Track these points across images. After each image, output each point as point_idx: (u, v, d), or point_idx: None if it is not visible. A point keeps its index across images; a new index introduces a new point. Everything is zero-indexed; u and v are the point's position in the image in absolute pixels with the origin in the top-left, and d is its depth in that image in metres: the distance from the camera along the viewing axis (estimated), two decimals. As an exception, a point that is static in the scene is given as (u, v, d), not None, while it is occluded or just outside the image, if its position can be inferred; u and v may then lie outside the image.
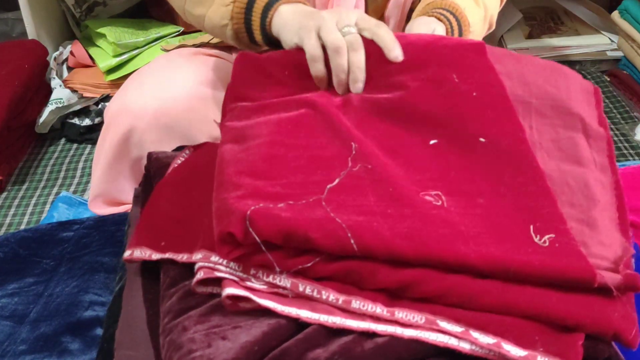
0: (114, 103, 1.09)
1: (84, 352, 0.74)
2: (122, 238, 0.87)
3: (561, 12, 1.93)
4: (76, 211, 1.21)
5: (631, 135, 1.43)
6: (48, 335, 0.76)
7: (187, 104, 1.07)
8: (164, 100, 1.06)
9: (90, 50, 1.66)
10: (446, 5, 0.99)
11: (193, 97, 1.08)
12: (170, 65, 1.15)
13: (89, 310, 0.79)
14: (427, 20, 0.94)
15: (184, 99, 1.07)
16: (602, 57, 1.74)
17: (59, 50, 1.72)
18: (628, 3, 1.57)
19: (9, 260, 0.89)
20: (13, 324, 0.79)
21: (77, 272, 0.86)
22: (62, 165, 1.49)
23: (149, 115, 1.04)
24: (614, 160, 0.74)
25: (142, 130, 1.04)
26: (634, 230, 0.88)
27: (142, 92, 1.07)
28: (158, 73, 1.13)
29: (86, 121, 1.56)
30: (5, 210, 1.34)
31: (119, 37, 1.58)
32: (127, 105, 1.06)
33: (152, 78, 1.11)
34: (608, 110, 1.54)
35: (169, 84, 1.09)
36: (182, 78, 1.10)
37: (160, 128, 1.04)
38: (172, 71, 1.13)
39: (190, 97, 1.08)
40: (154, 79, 1.11)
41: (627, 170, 1.02)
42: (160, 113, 1.05)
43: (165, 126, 1.04)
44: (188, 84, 1.09)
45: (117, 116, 1.06)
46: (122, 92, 1.10)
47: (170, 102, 1.06)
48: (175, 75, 1.11)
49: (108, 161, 1.08)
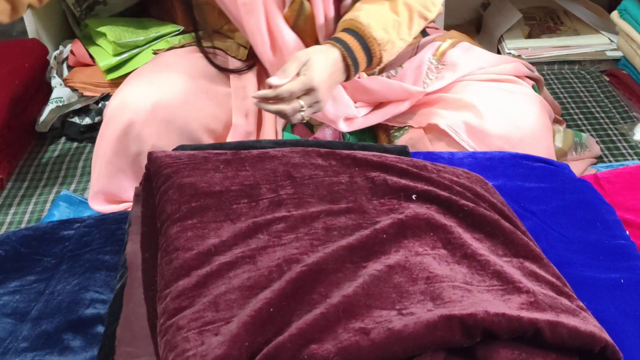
0: (113, 100, 1.12)
1: (85, 349, 0.74)
2: (123, 236, 0.87)
3: (561, 12, 1.94)
4: (77, 210, 1.22)
5: (630, 135, 1.44)
6: (49, 333, 0.76)
7: (183, 97, 1.11)
8: (161, 95, 1.10)
9: (90, 49, 1.66)
10: (349, 25, 1.03)
11: (188, 92, 1.12)
12: (165, 63, 1.19)
13: (90, 308, 0.79)
14: (325, 48, 1.00)
15: (180, 94, 1.11)
16: (602, 57, 1.74)
17: (59, 49, 1.72)
18: (627, 3, 1.57)
19: (10, 259, 0.90)
20: (14, 322, 0.79)
21: (78, 270, 0.86)
22: (63, 164, 1.49)
23: (147, 109, 1.08)
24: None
25: (140, 125, 1.07)
26: (633, 230, 0.89)
27: (140, 89, 1.11)
28: (154, 71, 1.17)
29: (86, 120, 1.56)
30: (6, 209, 1.34)
31: (119, 36, 1.59)
32: (125, 101, 1.09)
33: (148, 76, 1.15)
34: (607, 110, 1.54)
35: (165, 80, 1.13)
36: (177, 74, 1.14)
37: (158, 122, 1.07)
38: (167, 68, 1.16)
39: (185, 92, 1.11)
40: (150, 76, 1.15)
41: (626, 170, 1.02)
42: (157, 107, 1.08)
43: (163, 120, 1.08)
44: (183, 79, 1.13)
45: (116, 112, 1.09)
46: (120, 90, 1.13)
47: (167, 97, 1.10)
48: (170, 72, 1.15)
49: (107, 156, 1.10)
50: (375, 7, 1.04)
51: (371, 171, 0.78)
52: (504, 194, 0.84)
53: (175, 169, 0.76)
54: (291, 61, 0.96)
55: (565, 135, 1.28)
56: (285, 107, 0.95)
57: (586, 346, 0.58)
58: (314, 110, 0.99)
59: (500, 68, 1.19)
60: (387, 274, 0.63)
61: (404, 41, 1.08)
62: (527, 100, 1.13)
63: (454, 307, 0.58)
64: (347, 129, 1.14)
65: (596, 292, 0.74)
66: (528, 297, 0.61)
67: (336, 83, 1.02)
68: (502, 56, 1.24)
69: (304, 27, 1.10)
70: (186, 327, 0.58)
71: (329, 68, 0.98)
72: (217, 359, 0.54)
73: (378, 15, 1.03)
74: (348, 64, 1.01)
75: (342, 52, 1.00)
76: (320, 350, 0.55)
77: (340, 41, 1.01)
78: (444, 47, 1.19)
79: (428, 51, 1.19)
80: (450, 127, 1.08)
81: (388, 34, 1.03)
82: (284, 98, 0.94)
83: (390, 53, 1.06)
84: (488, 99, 1.10)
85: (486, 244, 0.70)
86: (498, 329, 0.56)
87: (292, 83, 0.94)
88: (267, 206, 0.73)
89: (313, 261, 0.63)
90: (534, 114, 1.11)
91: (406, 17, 1.06)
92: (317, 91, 0.96)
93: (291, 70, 0.95)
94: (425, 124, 1.12)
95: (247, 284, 0.61)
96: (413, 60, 1.19)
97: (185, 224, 0.69)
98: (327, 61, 0.98)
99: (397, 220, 0.69)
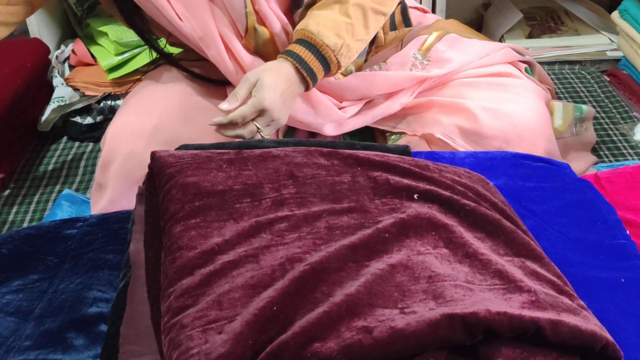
0: (110, 130, 1.07)
1: (88, 347, 0.74)
2: (125, 236, 0.87)
3: (561, 12, 1.94)
4: (79, 209, 1.22)
5: (630, 135, 1.44)
6: (53, 331, 0.76)
7: (183, 115, 1.07)
8: (159, 116, 1.05)
9: (91, 48, 1.67)
10: (301, 36, 1.02)
11: (188, 108, 1.08)
12: (157, 83, 1.14)
13: (93, 307, 0.79)
14: (276, 64, 0.99)
15: (179, 111, 1.07)
16: (602, 57, 1.74)
17: (61, 49, 1.73)
18: (628, 3, 1.57)
19: (14, 258, 0.90)
20: (18, 320, 0.80)
21: (81, 269, 0.86)
22: (65, 163, 1.49)
23: (148, 133, 1.03)
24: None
25: (142, 150, 1.02)
26: (633, 229, 0.89)
27: (136, 114, 1.06)
28: (147, 93, 1.11)
29: (88, 119, 1.57)
30: (8, 208, 1.35)
31: (120, 36, 1.59)
32: (123, 129, 1.05)
33: (142, 99, 1.10)
34: (607, 110, 1.55)
35: (161, 101, 1.08)
36: (171, 94, 1.09)
37: (161, 145, 1.01)
38: (159, 90, 1.11)
39: (185, 109, 1.08)
40: (144, 99, 1.10)
41: (626, 170, 1.03)
42: (158, 130, 1.04)
43: (165, 142, 1.03)
44: (178, 98, 1.09)
45: (116, 141, 1.04)
46: (117, 119, 1.08)
47: (165, 117, 1.06)
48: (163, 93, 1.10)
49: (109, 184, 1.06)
50: (325, 13, 1.03)
51: (373, 171, 0.78)
52: (505, 194, 0.85)
53: (178, 168, 0.76)
54: (241, 83, 0.95)
55: (565, 110, 1.26)
56: (242, 131, 0.94)
57: (587, 345, 0.59)
58: (272, 129, 0.98)
59: (489, 59, 1.16)
60: (390, 273, 0.63)
61: (362, 41, 1.05)
62: (522, 93, 1.11)
63: (455, 306, 0.59)
64: (334, 132, 1.12)
65: (597, 291, 0.75)
66: (529, 296, 0.61)
67: (293, 97, 1.01)
68: (490, 43, 1.21)
69: (266, 50, 1.09)
70: (190, 325, 0.58)
71: (282, 84, 0.97)
72: (220, 357, 0.54)
73: (328, 21, 1.01)
74: (303, 75, 0.99)
75: (294, 64, 0.99)
76: (323, 349, 0.55)
77: (292, 54, 1.00)
78: (429, 42, 1.17)
79: (413, 47, 1.17)
80: (445, 134, 1.07)
81: (341, 39, 1.01)
82: (237, 123, 0.94)
83: (347, 56, 1.04)
84: (481, 99, 1.09)
85: (487, 243, 0.70)
86: (500, 328, 0.57)
87: (243, 107, 0.94)
88: (269, 205, 0.73)
89: (316, 260, 0.63)
90: (531, 108, 1.09)
91: (360, 16, 1.04)
92: (270, 111, 0.95)
93: (241, 93, 0.95)
94: (420, 133, 1.11)
95: (251, 282, 0.62)
96: (398, 55, 1.17)
97: (189, 223, 0.69)
98: (278, 78, 0.97)
99: (399, 220, 0.70)
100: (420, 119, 1.13)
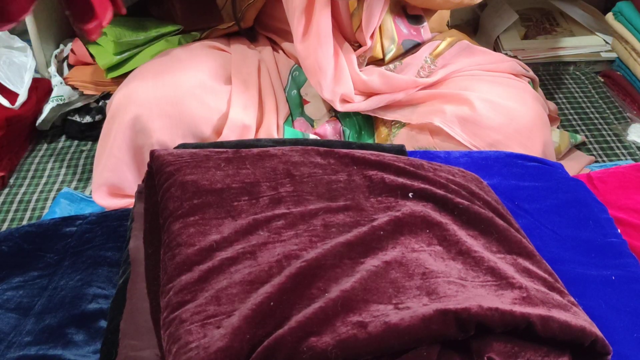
0: (117, 94, 1.10)
1: (88, 343, 0.75)
2: (125, 233, 0.88)
3: (557, 14, 1.95)
4: (78, 207, 1.23)
5: (624, 135, 1.46)
6: (53, 327, 0.77)
7: (190, 92, 1.09)
8: (168, 88, 1.08)
9: (90, 48, 1.67)
10: None
11: (196, 86, 1.11)
12: (172, 57, 1.17)
13: (93, 303, 0.80)
14: None
15: (187, 88, 1.10)
16: (597, 58, 1.76)
17: (60, 48, 1.73)
18: (622, 5, 1.59)
19: (14, 255, 0.91)
20: (18, 316, 0.81)
21: (81, 266, 0.87)
22: (64, 161, 1.50)
23: (153, 103, 1.06)
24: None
25: (146, 118, 1.06)
26: (624, 228, 0.90)
27: (146, 82, 1.09)
28: (160, 65, 1.15)
29: (87, 118, 1.58)
30: (8, 206, 1.36)
31: (119, 36, 1.59)
32: (131, 94, 1.08)
33: (154, 69, 1.13)
34: (601, 111, 1.56)
35: (171, 75, 1.11)
36: (184, 69, 1.13)
37: (165, 116, 1.06)
38: (174, 62, 1.15)
39: (193, 86, 1.10)
40: (156, 71, 1.13)
41: (619, 170, 1.04)
42: (164, 101, 1.07)
43: (169, 115, 1.07)
44: (189, 75, 1.12)
45: (122, 105, 1.08)
46: (126, 83, 1.12)
47: (173, 91, 1.08)
48: (176, 67, 1.13)
49: (112, 149, 1.09)
50: None
51: (369, 170, 0.80)
52: (498, 193, 0.86)
53: (177, 166, 0.77)
54: None
55: (562, 136, 1.29)
56: None
57: (577, 340, 0.60)
58: None
59: (495, 66, 1.19)
60: (384, 270, 0.64)
61: None
62: (522, 92, 1.13)
63: (448, 302, 0.60)
64: (341, 108, 1.14)
65: (587, 288, 0.76)
66: (521, 292, 0.62)
67: None
68: (499, 54, 1.24)
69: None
70: (189, 320, 0.59)
71: None
72: (219, 350, 0.55)
73: None
74: None
75: None
76: (319, 343, 0.56)
77: None
78: (441, 48, 1.20)
79: (426, 50, 1.20)
80: (444, 122, 1.09)
81: None
82: None
83: None
84: (481, 91, 1.10)
85: (481, 241, 0.71)
86: (491, 323, 0.58)
87: None
88: (267, 203, 0.74)
89: (312, 257, 0.64)
90: (530, 106, 1.11)
91: None
92: None
93: None
94: (421, 122, 1.13)
95: (248, 278, 0.63)
96: (414, 56, 1.20)
97: (188, 221, 0.70)
98: None
99: (394, 218, 0.71)
100: (421, 108, 1.14)
